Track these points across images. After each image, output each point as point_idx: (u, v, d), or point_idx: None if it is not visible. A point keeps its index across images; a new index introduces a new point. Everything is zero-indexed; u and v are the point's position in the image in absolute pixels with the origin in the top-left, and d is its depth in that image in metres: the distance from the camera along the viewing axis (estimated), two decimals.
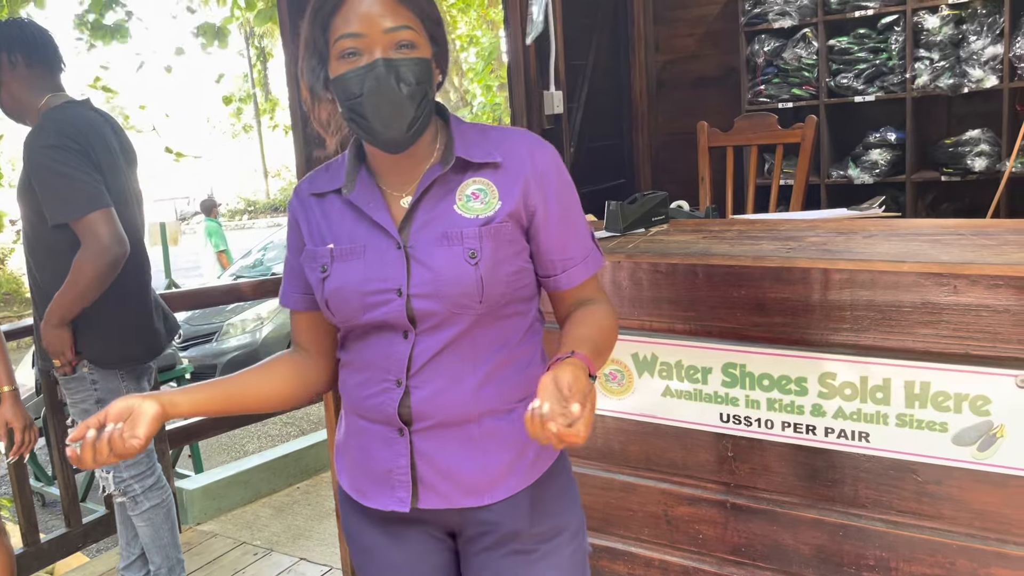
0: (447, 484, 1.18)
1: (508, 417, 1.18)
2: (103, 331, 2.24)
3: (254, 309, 6.62)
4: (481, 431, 1.17)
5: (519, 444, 1.19)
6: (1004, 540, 1.40)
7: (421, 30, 1.11)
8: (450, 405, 1.16)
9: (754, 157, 2.88)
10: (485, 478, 1.18)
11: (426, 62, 1.11)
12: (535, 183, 1.16)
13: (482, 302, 1.13)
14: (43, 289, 2.26)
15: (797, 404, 1.54)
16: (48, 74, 2.27)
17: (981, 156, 3.32)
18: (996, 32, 3.24)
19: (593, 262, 1.22)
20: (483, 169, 1.16)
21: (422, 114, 1.11)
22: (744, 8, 3.69)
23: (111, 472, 2.35)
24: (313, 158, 2.33)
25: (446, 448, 1.18)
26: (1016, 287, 1.32)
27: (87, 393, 2.28)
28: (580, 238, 1.20)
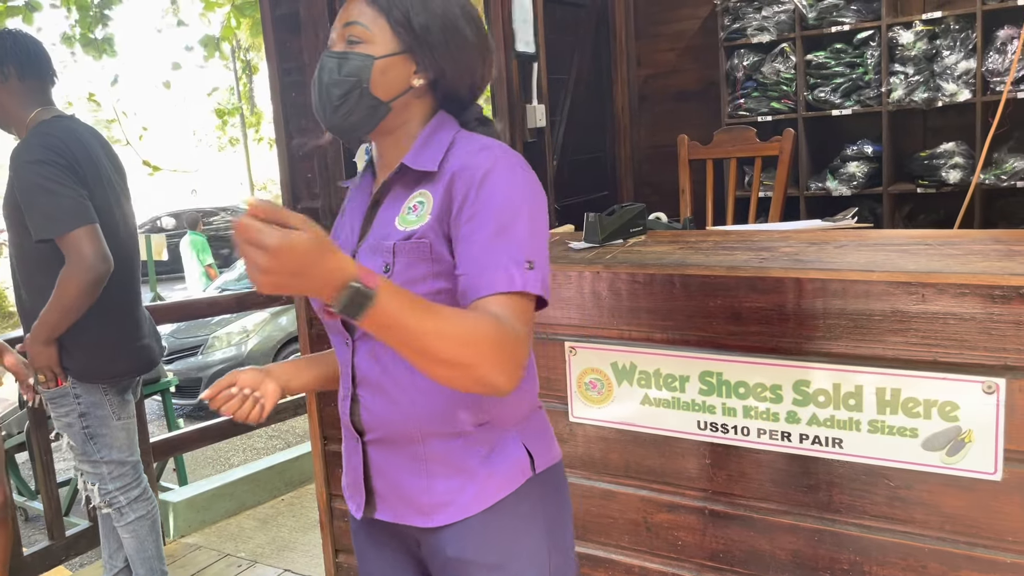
0: (396, 499, 1.18)
1: (456, 441, 1.14)
2: (86, 346, 2.24)
3: (240, 322, 6.60)
4: (426, 451, 1.15)
5: (468, 470, 1.14)
6: (973, 543, 1.44)
7: (383, 30, 1.12)
8: (390, 421, 1.15)
9: (733, 170, 2.93)
10: (429, 500, 1.15)
11: (363, 58, 1.11)
12: (460, 193, 1.07)
13: None
14: (27, 305, 2.26)
15: (772, 411, 1.57)
16: (39, 87, 2.27)
17: (955, 168, 3.38)
18: (969, 47, 3.31)
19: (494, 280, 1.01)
20: (425, 180, 1.12)
21: (350, 106, 1.12)
22: (723, 23, 3.75)
23: (96, 484, 2.35)
24: (298, 171, 2.35)
25: (394, 463, 1.17)
26: (981, 295, 1.36)
27: (70, 407, 2.28)
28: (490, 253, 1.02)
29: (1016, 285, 1.33)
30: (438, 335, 0.91)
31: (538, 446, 1.20)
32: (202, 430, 3.76)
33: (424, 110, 1.18)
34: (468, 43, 1.15)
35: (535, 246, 1.05)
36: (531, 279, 1.03)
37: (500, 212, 1.04)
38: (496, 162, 1.08)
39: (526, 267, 1.03)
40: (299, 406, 4.08)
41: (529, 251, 1.04)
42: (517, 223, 1.05)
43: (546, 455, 1.22)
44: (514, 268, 1.02)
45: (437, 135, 1.16)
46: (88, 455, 2.31)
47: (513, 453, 1.17)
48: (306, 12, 2.22)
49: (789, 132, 2.76)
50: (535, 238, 1.05)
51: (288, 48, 2.27)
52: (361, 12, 1.13)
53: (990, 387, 1.38)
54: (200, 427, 3.81)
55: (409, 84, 1.14)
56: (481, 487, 1.14)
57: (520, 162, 1.10)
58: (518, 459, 1.17)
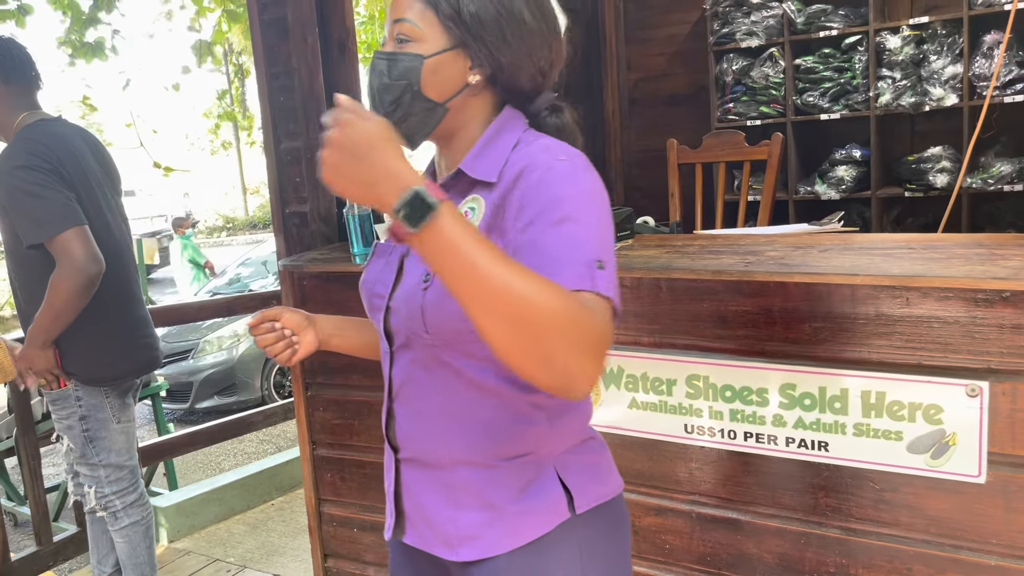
0: (423, 524, 1.10)
1: (487, 473, 1.05)
2: (86, 348, 2.24)
3: (231, 326, 6.58)
4: (455, 479, 1.06)
5: (497, 506, 1.05)
6: (958, 546, 1.44)
7: (432, 25, 1.03)
8: (421, 441, 1.08)
9: (722, 174, 2.94)
10: (455, 532, 1.07)
11: (411, 58, 1.03)
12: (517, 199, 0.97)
13: (428, 332, 1.02)
14: (24, 310, 2.27)
15: (759, 415, 1.58)
16: (25, 92, 2.27)
17: (943, 172, 3.40)
18: (956, 52, 3.33)
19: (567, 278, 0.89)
20: (480, 187, 1.04)
21: (404, 111, 1.04)
22: (713, 28, 3.77)
23: (93, 487, 2.35)
24: (286, 175, 2.35)
25: (424, 486, 1.09)
26: (965, 299, 1.37)
27: (72, 410, 2.29)
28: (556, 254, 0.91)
29: (999, 289, 1.34)
30: (509, 282, 0.77)
31: (582, 483, 1.08)
32: (192, 435, 3.75)
33: (485, 107, 1.08)
34: (528, 29, 1.04)
35: (604, 249, 0.93)
36: (602, 279, 0.89)
37: (563, 213, 0.92)
38: (557, 163, 0.98)
39: (596, 266, 0.90)
40: (288, 410, 4.08)
41: (599, 252, 0.91)
42: (583, 224, 0.93)
43: (593, 492, 1.09)
44: (584, 267, 0.89)
45: (500, 138, 1.06)
46: (87, 458, 2.32)
47: (549, 491, 1.05)
48: (294, 17, 2.22)
49: (778, 136, 2.77)
50: (604, 241, 0.94)
51: (276, 53, 2.27)
52: (409, 7, 1.04)
53: (973, 390, 1.39)
54: (190, 431, 3.80)
55: (465, 81, 1.05)
56: (511, 525, 1.04)
57: (583, 162, 1.00)
58: (554, 499, 1.05)
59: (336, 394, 2.17)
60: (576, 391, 0.82)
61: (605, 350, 0.83)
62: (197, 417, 6.19)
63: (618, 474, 1.16)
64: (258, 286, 7.41)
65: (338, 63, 2.43)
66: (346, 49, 2.43)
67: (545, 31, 1.06)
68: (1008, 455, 1.38)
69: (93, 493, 2.34)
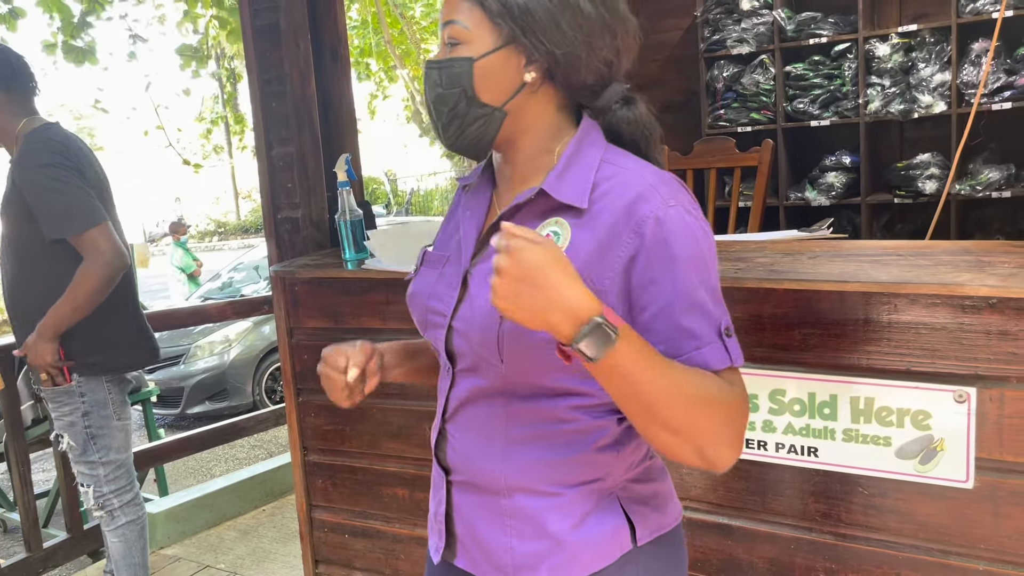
0: (476, 550, 1.06)
1: (546, 501, 1.00)
2: (93, 340, 2.28)
3: (222, 331, 6.56)
4: (512, 506, 1.02)
5: (556, 536, 1.00)
6: (947, 551, 1.45)
7: (481, 24, 0.97)
8: (477, 466, 1.04)
9: (713, 180, 2.95)
10: (511, 560, 1.02)
11: (462, 62, 0.97)
12: (623, 253, 0.92)
13: (503, 362, 0.97)
14: (25, 305, 2.28)
15: (749, 420, 1.58)
16: (24, 98, 2.31)
17: (932, 179, 3.43)
18: (944, 60, 3.36)
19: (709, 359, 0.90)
20: (564, 210, 0.97)
21: (460, 120, 0.99)
22: (704, 35, 3.79)
23: (91, 486, 2.36)
24: (278, 181, 2.36)
25: (478, 511, 1.05)
26: (952, 306, 1.38)
27: (75, 405, 2.31)
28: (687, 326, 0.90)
29: (986, 295, 1.35)
30: (671, 394, 0.84)
31: (644, 512, 1.04)
32: (183, 440, 3.74)
33: (548, 107, 1.01)
34: (584, 17, 0.96)
35: (722, 307, 0.93)
36: (734, 349, 0.92)
37: (690, 282, 0.90)
38: (670, 211, 0.92)
39: (726, 335, 0.92)
40: (280, 416, 4.07)
41: (724, 316, 0.92)
42: (707, 289, 0.92)
43: (654, 522, 1.04)
44: (720, 342, 0.91)
45: (582, 155, 0.99)
46: (87, 455, 2.34)
47: (611, 522, 1.01)
48: (286, 23, 2.23)
49: (768, 143, 2.79)
50: (722, 301, 0.94)
51: (268, 58, 2.27)
52: (456, 7, 0.98)
53: (961, 396, 1.40)
54: (181, 437, 3.79)
55: (521, 81, 0.98)
56: (570, 557, 1.00)
57: (687, 200, 0.95)
58: (616, 529, 1.01)
59: (328, 400, 2.15)
60: (721, 468, 0.90)
61: (744, 424, 0.92)
62: (188, 422, 6.17)
63: (677, 501, 1.12)
64: (250, 291, 7.39)
65: (330, 69, 2.44)
66: (338, 55, 2.43)
67: (607, 18, 0.98)
68: (996, 460, 1.39)
69: (91, 493, 2.35)
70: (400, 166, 20.18)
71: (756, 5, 3.70)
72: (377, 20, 10.37)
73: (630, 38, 1.01)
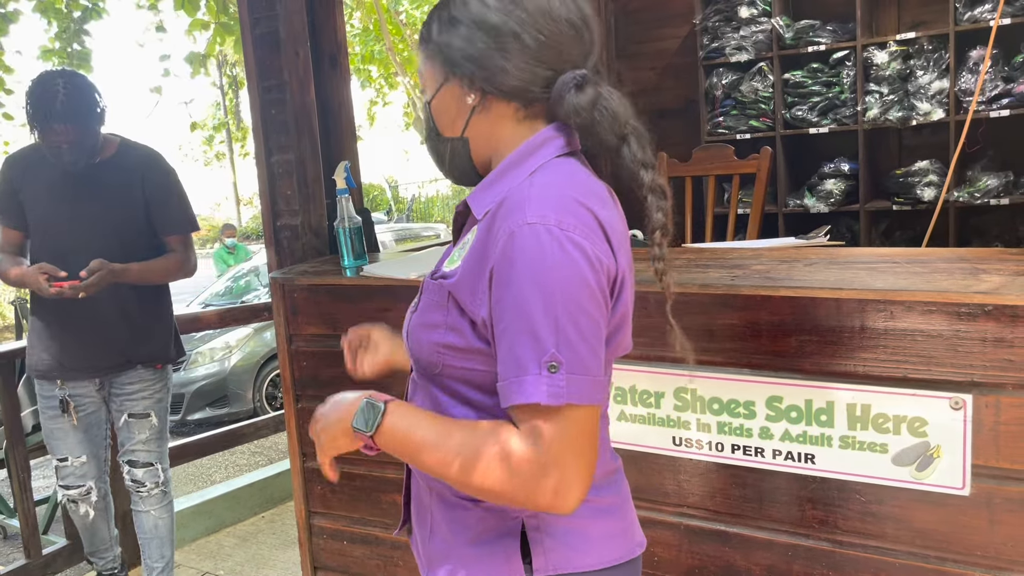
0: (416, 533, 1.14)
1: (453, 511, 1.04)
2: (173, 332, 2.62)
3: (223, 337, 6.56)
4: (433, 506, 1.07)
5: (456, 546, 1.03)
6: (943, 558, 1.46)
7: (429, 65, 1.03)
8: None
9: (712, 187, 2.96)
10: (427, 552, 1.10)
11: (425, 106, 1.07)
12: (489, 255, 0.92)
13: (412, 357, 1.05)
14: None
15: (746, 427, 1.59)
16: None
17: (930, 186, 3.43)
18: (942, 67, 3.37)
19: (511, 391, 0.88)
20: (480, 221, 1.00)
21: (446, 158, 1.07)
22: (702, 43, 3.80)
23: (159, 463, 2.60)
24: (278, 188, 2.36)
25: (419, 500, 1.11)
26: (948, 313, 1.39)
27: (163, 385, 2.62)
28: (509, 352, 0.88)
29: (981, 303, 1.35)
30: (441, 463, 0.93)
31: (550, 546, 0.99)
32: (183, 447, 3.73)
33: (505, 121, 1.01)
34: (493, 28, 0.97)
35: (565, 340, 0.86)
36: (553, 386, 0.85)
37: (525, 295, 0.87)
38: (523, 228, 0.88)
39: (548, 370, 0.86)
40: (280, 422, 4.07)
41: (555, 347, 0.86)
42: (548, 310, 0.86)
43: (563, 559, 0.99)
44: (533, 373, 0.86)
45: (520, 165, 0.99)
46: (163, 433, 2.63)
47: (504, 545, 1.00)
48: (286, 31, 2.24)
49: (767, 150, 2.80)
50: (567, 330, 0.86)
51: (268, 66, 2.29)
52: (419, 57, 1.08)
53: (957, 403, 1.40)
54: (181, 443, 3.78)
55: (469, 106, 1.01)
56: (466, 568, 1.03)
57: (564, 221, 0.89)
58: (508, 554, 1.00)
59: None
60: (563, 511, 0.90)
61: (569, 474, 0.87)
62: (189, 429, 6.17)
63: (628, 542, 1.06)
64: (250, 298, 7.40)
65: (329, 76, 2.45)
66: (337, 63, 2.45)
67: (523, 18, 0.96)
68: (992, 467, 1.39)
69: (160, 468, 2.61)
70: (401, 173, 20.23)
71: (755, 13, 3.71)
72: (379, 27, 10.41)
73: (562, 26, 0.97)
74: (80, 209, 2.42)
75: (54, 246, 2.41)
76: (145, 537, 2.61)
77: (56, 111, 2.26)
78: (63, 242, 2.40)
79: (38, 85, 2.31)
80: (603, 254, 0.92)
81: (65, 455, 2.52)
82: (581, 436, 0.88)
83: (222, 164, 22.94)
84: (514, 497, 0.89)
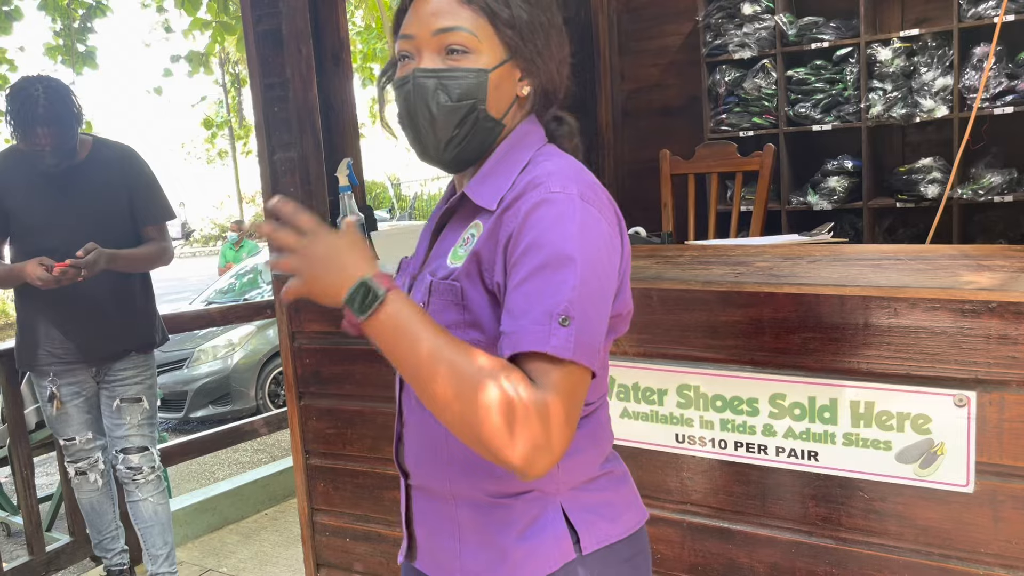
0: (430, 554, 1.08)
1: (490, 511, 1.00)
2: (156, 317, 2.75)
3: (226, 335, 6.57)
4: (459, 514, 1.02)
5: (500, 546, 1.00)
6: (947, 555, 1.45)
7: (487, 33, 0.95)
8: (427, 471, 1.04)
9: (715, 184, 2.95)
10: (460, 567, 1.04)
11: (476, 73, 0.95)
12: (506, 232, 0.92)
13: None
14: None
15: (749, 424, 1.59)
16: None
17: (934, 183, 3.42)
18: (946, 64, 3.36)
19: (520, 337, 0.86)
20: (483, 212, 0.97)
21: (466, 134, 0.97)
22: (705, 40, 3.79)
23: (152, 448, 2.65)
24: (280, 186, 2.36)
25: (432, 516, 1.06)
26: (952, 310, 1.38)
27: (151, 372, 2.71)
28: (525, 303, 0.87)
29: (985, 300, 1.35)
30: (435, 362, 0.83)
31: (591, 521, 1.02)
32: (186, 444, 3.75)
33: (519, 119, 1.02)
34: (562, 36, 1.00)
35: (580, 299, 0.86)
36: (560, 338, 0.85)
37: (542, 260, 0.87)
38: (550, 195, 0.90)
39: (560, 323, 0.85)
40: (282, 420, 4.07)
41: (568, 303, 0.86)
42: (562, 272, 0.87)
43: (603, 531, 1.02)
44: (541, 324, 0.85)
45: (510, 157, 0.99)
46: (154, 418, 2.70)
47: (553, 530, 1.00)
48: (288, 28, 2.24)
49: (770, 147, 2.79)
50: (583, 290, 0.87)
51: (270, 63, 2.28)
52: (456, 14, 0.94)
53: (961, 400, 1.40)
54: (184, 441, 3.79)
55: (516, 94, 0.99)
56: (513, 566, 0.99)
57: (584, 194, 0.92)
58: (558, 538, 1.00)
59: (329, 404, 2.17)
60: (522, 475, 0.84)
61: (551, 433, 0.83)
62: (191, 426, 6.18)
63: (640, 509, 1.10)
64: (253, 295, 7.40)
65: (332, 74, 2.45)
66: (340, 60, 2.44)
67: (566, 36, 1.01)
68: (996, 464, 1.39)
69: (155, 453, 2.67)
70: (403, 171, 20.23)
71: (758, 10, 3.70)
72: (381, 25, 10.40)
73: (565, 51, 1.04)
74: (64, 208, 2.51)
75: (39, 245, 2.46)
76: (146, 525, 2.66)
77: (39, 115, 2.36)
78: (48, 241, 2.47)
79: (19, 91, 2.41)
80: (615, 230, 0.95)
81: (72, 435, 2.63)
82: (574, 398, 0.87)
83: (224, 162, 22.96)
84: (491, 439, 0.82)
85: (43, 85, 2.42)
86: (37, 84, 2.42)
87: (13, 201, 2.51)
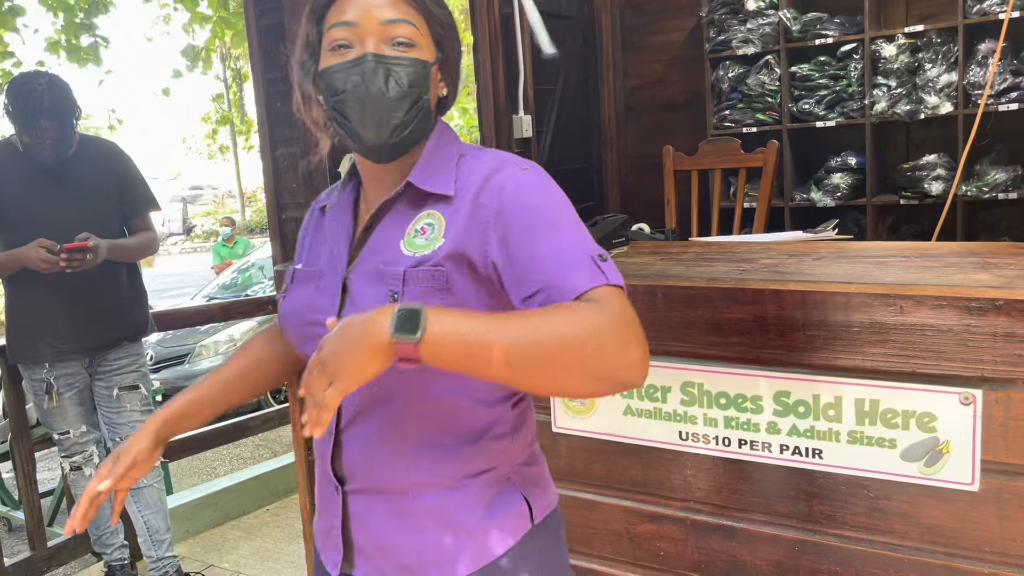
0: (380, 556, 1.06)
1: (453, 494, 1.03)
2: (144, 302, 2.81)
3: (227, 331, 6.57)
4: (416, 505, 1.03)
5: (464, 527, 1.03)
6: (952, 554, 1.45)
7: (424, 30, 1.01)
8: (379, 469, 1.04)
9: (718, 181, 2.95)
10: (418, 558, 1.04)
11: (423, 64, 1.00)
12: (487, 215, 0.97)
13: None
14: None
15: (753, 422, 1.58)
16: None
17: (938, 180, 3.41)
18: (951, 60, 3.35)
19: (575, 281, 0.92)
20: (433, 200, 1.02)
21: (412, 121, 1.00)
22: (709, 35, 3.78)
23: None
24: (283, 181, 2.36)
25: (378, 516, 1.05)
26: (958, 307, 1.37)
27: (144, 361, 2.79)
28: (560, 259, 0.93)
29: (992, 297, 1.34)
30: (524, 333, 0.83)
31: (536, 493, 1.11)
32: (187, 440, 3.74)
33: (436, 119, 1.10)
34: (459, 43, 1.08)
35: (594, 243, 0.97)
36: (609, 270, 0.93)
37: (549, 220, 0.96)
38: (522, 173, 1.00)
39: (600, 259, 0.94)
40: (284, 415, 4.07)
41: (593, 247, 0.96)
42: (570, 226, 0.97)
43: (543, 501, 1.12)
44: (590, 264, 0.93)
45: (441, 150, 1.05)
46: (149, 405, 2.74)
47: (513, 504, 1.06)
48: (291, 22, 2.23)
49: (773, 144, 2.78)
50: (587, 232, 0.99)
51: (273, 58, 2.27)
52: (402, 9, 1.00)
53: (967, 398, 1.39)
54: (185, 436, 3.78)
55: (438, 94, 1.06)
56: (479, 545, 1.03)
57: (534, 165, 1.03)
58: (518, 511, 1.07)
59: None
60: (635, 384, 0.89)
61: (637, 333, 0.88)
62: None
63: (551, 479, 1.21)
64: (254, 291, 7.40)
65: None
66: None
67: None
68: (1001, 463, 1.38)
69: None
70: None
71: (762, 6, 3.69)
72: None
73: None
74: (60, 200, 2.56)
75: (35, 237, 2.48)
76: (151, 511, 2.70)
77: (44, 108, 2.43)
78: (43, 233, 2.49)
79: (21, 85, 2.47)
80: None
81: (66, 429, 2.65)
82: (633, 314, 0.91)
83: (226, 157, 22.94)
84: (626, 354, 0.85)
85: (44, 80, 2.49)
86: (39, 79, 2.49)
87: (5, 193, 2.54)
